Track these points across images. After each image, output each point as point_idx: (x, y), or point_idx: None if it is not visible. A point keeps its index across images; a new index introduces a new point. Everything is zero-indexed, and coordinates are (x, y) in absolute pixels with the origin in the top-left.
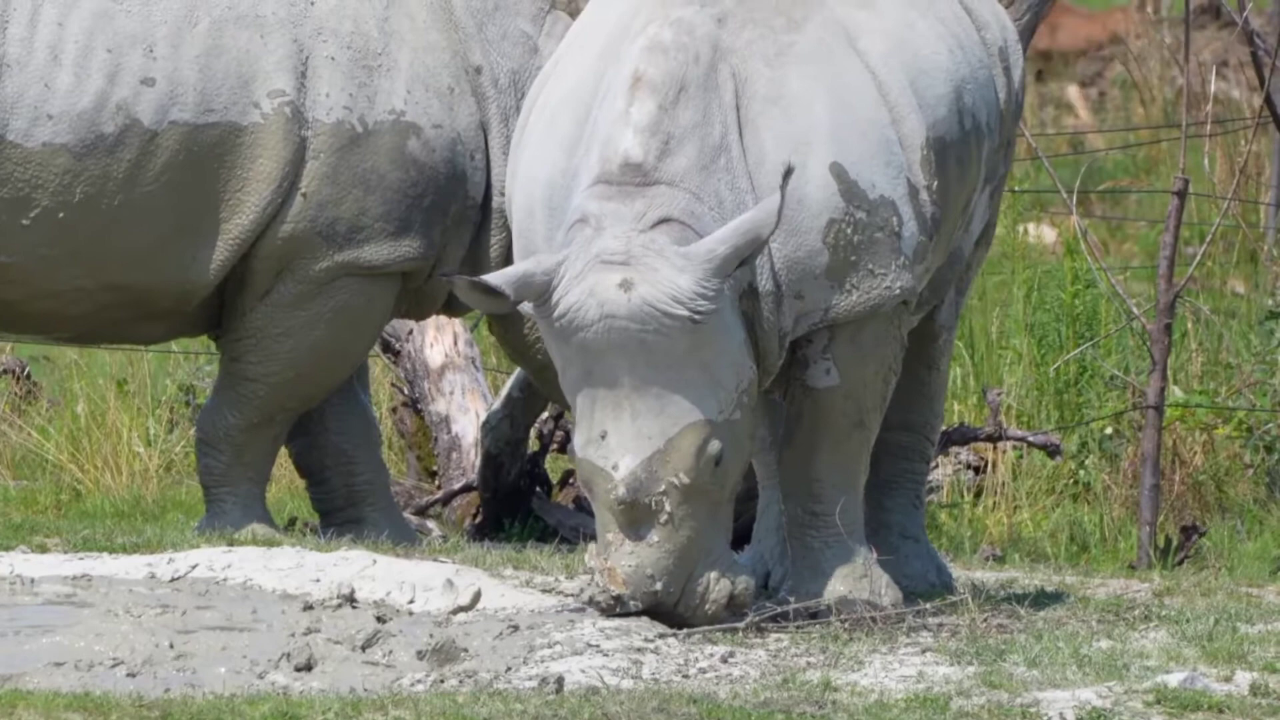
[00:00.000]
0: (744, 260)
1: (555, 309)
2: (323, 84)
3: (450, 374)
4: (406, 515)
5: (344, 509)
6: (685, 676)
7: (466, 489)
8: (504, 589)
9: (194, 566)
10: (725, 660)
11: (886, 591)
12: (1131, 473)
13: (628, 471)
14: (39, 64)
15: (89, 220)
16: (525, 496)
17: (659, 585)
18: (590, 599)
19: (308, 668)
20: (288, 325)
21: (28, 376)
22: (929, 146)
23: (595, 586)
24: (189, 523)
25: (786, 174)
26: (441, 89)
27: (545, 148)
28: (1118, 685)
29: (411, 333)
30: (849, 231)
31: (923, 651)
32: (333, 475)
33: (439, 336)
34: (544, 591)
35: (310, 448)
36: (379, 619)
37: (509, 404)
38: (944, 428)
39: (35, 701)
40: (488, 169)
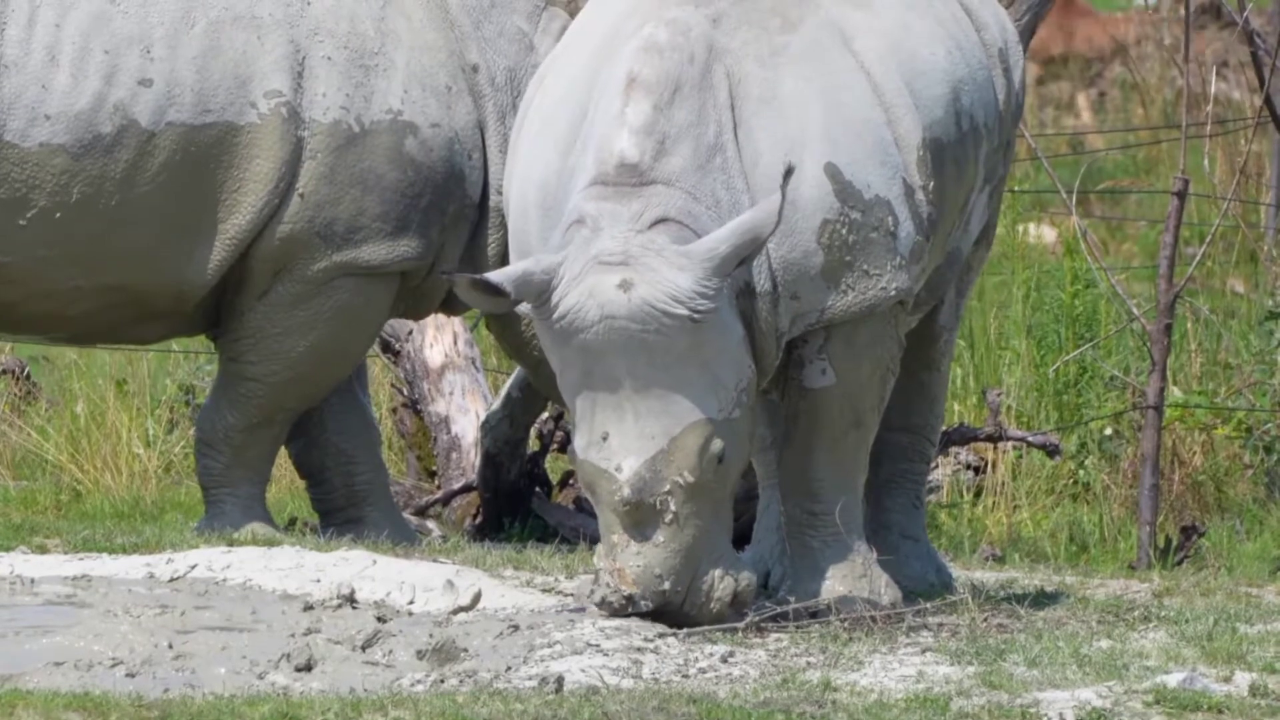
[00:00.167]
0: (744, 260)
1: (555, 311)
2: (319, 84)
3: (450, 374)
4: (406, 515)
5: (344, 509)
6: (685, 676)
7: (466, 489)
8: (504, 589)
9: (193, 567)
10: (725, 660)
11: (886, 591)
12: (1131, 473)
13: (632, 472)
14: (36, 65)
15: (86, 221)
16: (525, 497)
17: (667, 585)
18: (602, 599)
19: (308, 668)
20: (286, 325)
21: (27, 377)
22: (925, 147)
23: (606, 587)
24: (188, 523)
25: (787, 173)
26: (438, 88)
27: (540, 148)
28: (1117, 685)
29: (411, 333)
30: (844, 232)
31: (923, 651)
32: (332, 475)
33: (439, 337)
34: (544, 591)
35: (309, 448)
36: (379, 619)
37: (508, 404)
38: (944, 428)
39: (35, 701)
40: (485, 167)
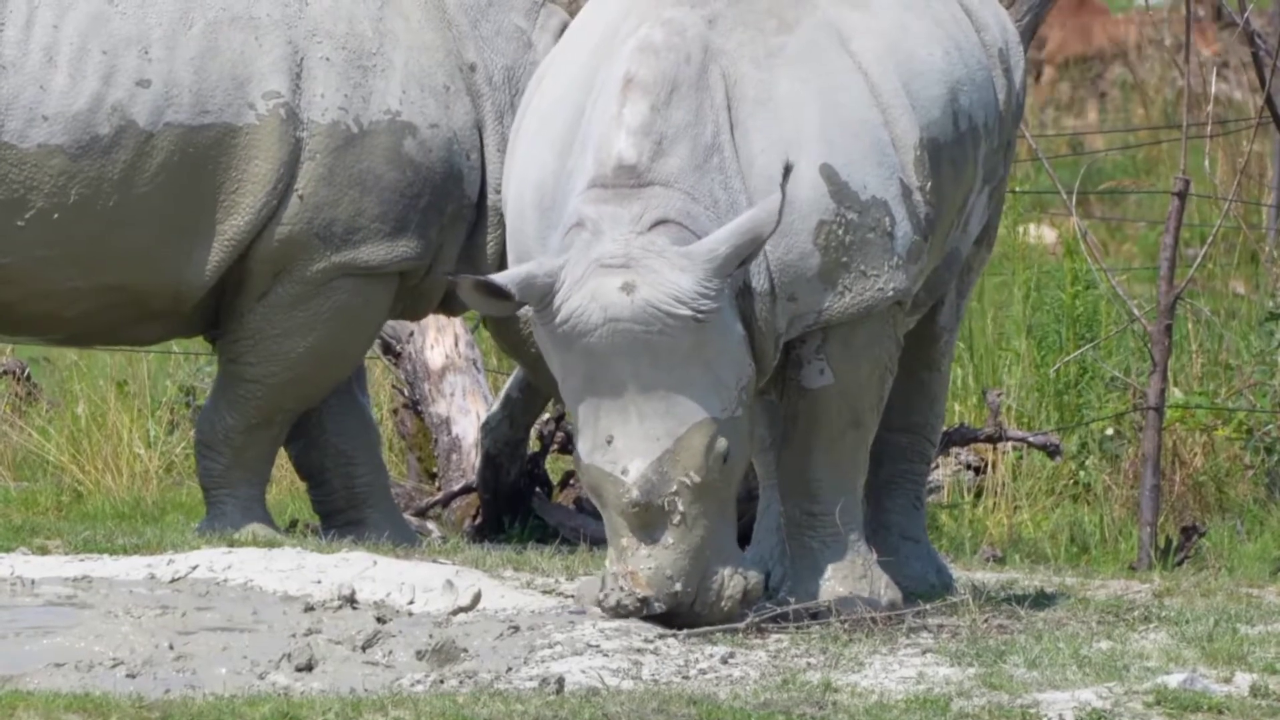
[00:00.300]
0: (744, 260)
1: (557, 315)
2: (318, 85)
3: (451, 375)
4: (407, 517)
5: (344, 510)
6: (685, 677)
7: (466, 490)
8: (504, 590)
9: (194, 568)
10: (725, 661)
11: (886, 592)
12: (1132, 473)
13: (639, 474)
14: (34, 66)
15: (84, 221)
16: (525, 497)
17: (679, 586)
18: (617, 603)
19: (308, 668)
20: (285, 326)
21: (28, 378)
22: (922, 147)
23: (620, 591)
24: (189, 524)
25: (786, 172)
26: (437, 88)
27: (537, 149)
28: (1118, 686)
29: (412, 334)
30: (840, 233)
31: (923, 652)
32: (332, 477)
33: (440, 338)
34: (544, 593)
35: (309, 449)
36: (379, 620)
37: (508, 405)
38: (944, 428)
39: (35, 702)
40: (483, 167)
